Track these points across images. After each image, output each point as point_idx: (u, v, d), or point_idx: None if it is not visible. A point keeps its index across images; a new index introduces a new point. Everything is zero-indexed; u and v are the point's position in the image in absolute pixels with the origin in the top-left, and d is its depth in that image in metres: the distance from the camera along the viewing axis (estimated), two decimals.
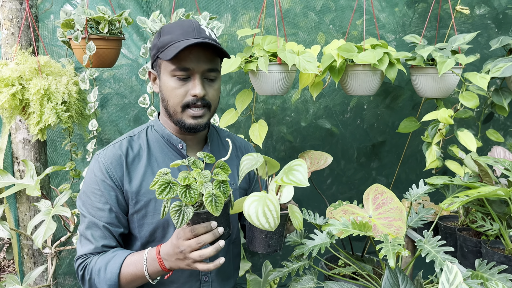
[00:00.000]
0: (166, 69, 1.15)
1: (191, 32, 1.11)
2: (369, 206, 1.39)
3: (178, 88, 1.14)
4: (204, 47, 1.12)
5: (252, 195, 1.04)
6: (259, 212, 0.99)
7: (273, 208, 1.00)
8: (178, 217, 0.95)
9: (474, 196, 1.19)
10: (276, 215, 1.00)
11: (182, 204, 0.96)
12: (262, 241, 1.07)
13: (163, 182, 0.94)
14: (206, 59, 1.13)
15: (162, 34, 1.15)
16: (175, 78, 1.13)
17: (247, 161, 1.11)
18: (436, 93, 1.76)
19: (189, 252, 1.01)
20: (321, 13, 2.25)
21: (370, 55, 1.62)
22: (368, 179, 2.62)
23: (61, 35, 1.80)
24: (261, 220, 1.00)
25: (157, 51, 1.15)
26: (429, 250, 1.12)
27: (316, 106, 2.43)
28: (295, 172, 1.04)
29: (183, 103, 1.14)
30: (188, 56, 1.11)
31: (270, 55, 1.70)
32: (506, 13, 2.08)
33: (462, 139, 1.69)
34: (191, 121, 1.16)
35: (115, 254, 1.13)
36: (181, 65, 1.11)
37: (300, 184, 1.02)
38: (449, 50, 1.69)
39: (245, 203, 1.01)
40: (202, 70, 1.13)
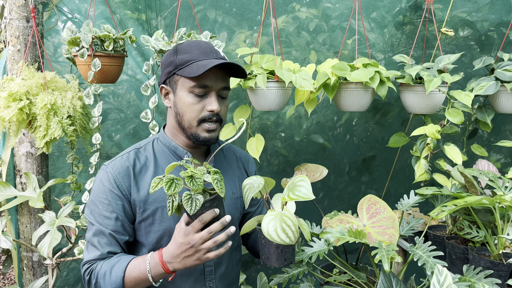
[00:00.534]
0: (184, 85, 1.22)
1: (210, 53, 1.21)
2: (363, 215, 1.47)
3: (195, 104, 1.22)
4: (221, 68, 1.21)
5: (268, 214, 1.10)
6: (278, 229, 1.06)
7: (291, 223, 1.07)
8: (191, 204, 1.03)
9: (461, 205, 1.27)
10: (295, 229, 1.07)
11: (192, 193, 1.04)
12: (279, 256, 1.14)
13: (168, 179, 1.03)
14: (222, 78, 1.23)
15: (179, 53, 1.23)
16: (192, 94, 1.22)
17: (249, 185, 1.18)
18: (424, 109, 1.87)
19: (201, 244, 1.08)
20: (314, 32, 2.36)
21: (362, 74, 1.72)
22: (359, 193, 2.70)
23: (66, 52, 1.87)
24: (281, 236, 1.06)
25: (174, 68, 1.22)
26: (420, 255, 1.20)
27: (309, 122, 2.52)
28: (300, 187, 1.11)
29: (199, 117, 1.23)
30: (208, 75, 1.20)
31: (268, 73, 1.79)
32: (488, 35, 2.22)
33: (449, 153, 1.79)
34: (206, 135, 1.24)
35: (120, 258, 1.19)
36: (201, 83, 1.20)
37: (306, 198, 1.09)
38: (435, 69, 1.81)
39: (263, 223, 1.08)
40: (218, 88, 1.23)
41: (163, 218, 1.25)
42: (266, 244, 1.14)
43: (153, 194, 1.25)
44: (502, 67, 1.87)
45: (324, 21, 2.37)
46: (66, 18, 2.22)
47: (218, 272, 1.31)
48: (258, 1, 2.28)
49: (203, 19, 2.31)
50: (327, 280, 1.62)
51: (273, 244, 1.13)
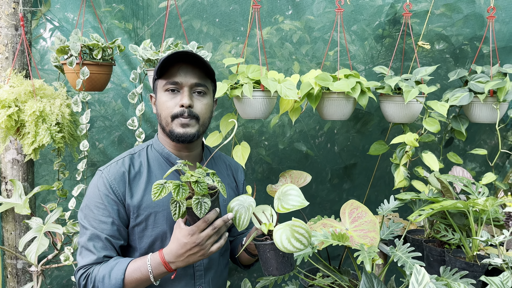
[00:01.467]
0: (160, 87, 1.29)
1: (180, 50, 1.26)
2: (346, 219, 1.53)
3: (168, 101, 1.27)
4: (192, 65, 1.27)
5: (277, 228, 1.13)
6: (291, 239, 1.09)
7: (304, 231, 1.11)
8: (200, 208, 1.08)
9: (438, 209, 1.35)
10: (308, 234, 1.11)
11: (199, 197, 1.09)
12: (286, 263, 1.18)
13: (175, 185, 1.06)
14: (193, 74, 1.27)
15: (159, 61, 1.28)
16: (167, 92, 1.27)
17: (238, 206, 1.20)
18: (403, 118, 1.96)
19: (206, 241, 1.13)
20: (297, 44, 2.43)
21: (344, 84, 1.80)
22: (341, 200, 2.76)
23: (55, 60, 1.89)
24: (295, 245, 1.09)
25: (155, 73, 1.29)
26: (400, 256, 1.26)
27: (293, 130, 2.59)
28: (291, 196, 1.16)
29: (172, 113, 1.27)
30: (178, 72, 1.26)
31: (254, 82, 1.85)
32: (462, 49, 2.33)
33: (426, 160, 1.87)
34: (180, 130, 1.27)
35: (117, 261, 1.22)
36: (171, 79, 1.26)
37: (301, 206, 1.13)
38: (413, 81, 1.90)
39: (276, 236, 1.11)
40: (190, 84, 1.27)
41: (156, 224, 1.29)
42: (272, 257, 1.18)
43: (146, 200, 1.28)
44: (475, 79, 1.97)
45: (307, 33, 2.45)
46: (54, 26, 2.24)
47: (208, 276, 1.35)
48: (243, 12, 2.34)
49: (188, 29, 2.35)
50: (311, 283, 1.67)
51: (279, 255, 1.17)
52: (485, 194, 1.44)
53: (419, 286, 1.11)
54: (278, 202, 1.18)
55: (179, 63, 1.26)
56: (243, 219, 1.18)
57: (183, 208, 1.09)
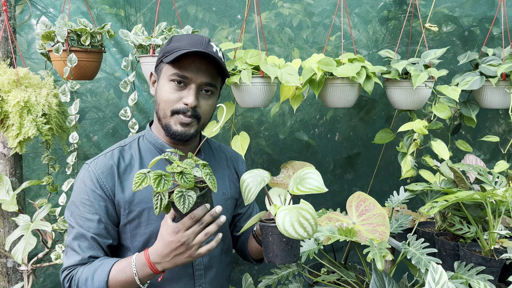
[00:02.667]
0: (166, 73, 1.17)
1: (199, 44, 1.14)
2: (353, 213, 1.44)
3: (172, 93, 1.16)
4: (206, 60, 1.15)
5: (282, 209, 1.03)
6: (295, 223, 0.98)
7: (310, 216, 1.00)
8: (184, 202, 0.96)
9: (453, 201, 1.25)
10: (314, 222, 1.00)
11: (183, 190, 0.97)
12: (289, 252, 1.08)
13: (156, 175, 0.95)
14: (206, 72, 1.16)
15: (172, 42, 1.18)
16: (172, 83, 1.16)
17: (250, 178, 1.11)
18: (410, 105, 1.85)
19: (193, 239, 1.01)
20: (297, 29, 2.32)
21: (348, 69, 1.69)
22: (344, 191, 2.68)
23: (40, 47, 1.78)
24: (298, 231, 0.99)
25: (162, 55, 1.17)
26: (413, 253, 1.16)
27: (293, 119, 2.49)
28: (310, 179, 1.04)
29: (173, 108, 1.16)
30: (190, 65, 1.14)
31: (253, 68, 1.74)
32: (472, 31, 2.22)
33: (436, 148, 1.77)
34: (178, 128, 1.17)
35: (102, 262, 1.12)
36: (180, 72, 1.14)
37: (319, 190, 1.01)
38: (421, 64, 1.79)
39: (278, 218, 1.00)
40: (200, 82, 1.16)
41: (149, 220, 1.19)
42: (274, 241, 1.08)
43: (139, 194, 1.18)
44: (486, 62, 1.86)
45: (307, 17, 2.34)
46: (40, 12, 2.12)
47: (208, 276, 1.26)
48: None
49: (183, 16, 2.25)
50: (315, 280, 1.58)
51: (283, 241, 1.07)
52: (503, 184, 1.35)
53: (437, 285, 1.01)
54: (294, 184, 1.07)
55: (193, 55, 1.14)
56: (252, 192, 1.09)
57: (164, 201, 0.98)
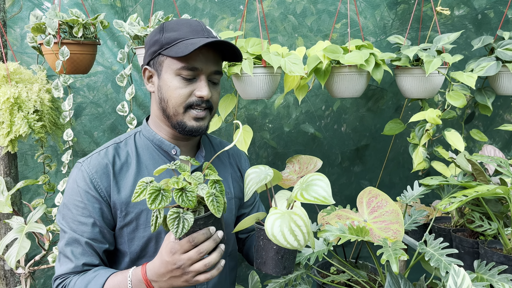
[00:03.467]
0: (170, 67, 1.07)
1: (201, 31, 1.06)
2: (364, 210, 1.35)
3: (182, 88, 1.07)
4: (213, 49, 1.07)
5: (273, 212, 0.93)
6: (285, 229, 0.89)
7: (302, 223, 0.90)
8: (177, 226, 0.86)
9: (473, 196, 1.16)
10: (306, 230, 0.91)
11: (180, 211, 0.87)
12: (277, 262, 0.98)
13: (153, 189, 0.85)
14: (214, 60, 1.08)
15: (166, 31, 1.08)
16: (180, 77, 1.07)
17: (254, 174, 1.04)
18: (422, 93, 1.75)
19: (189, 266, 0.92)
20: (301, 16, 2.22)
21: (356, 56, 1.59)
22: (352, 184, 2.59)
23: (31, 40, 1.70)
24: (288, 239, 0.89)
25: (160, 47, 1.07)
26: (432, 254, 1.07)
27: (298, 111, 2.40)
28: (316, 187, 0.95)
29: (186, 103, 1.08)
30: (198, 56, 1.05)
31: (255, 58, 1.64)
32: (485, 14, 2.11)
33: (450, 139, 1.68)
34: (193, 123, 1.09)
35: (97, 274, 1.04)
36: (190, 64, 1.05)
37: (325, 201, 0.92)
38: (434, 50, 1.68)
39: (268, 221, 0.91)
40: (210, 71, 1.08)
41: (148, 223, 1.10)
42: (264, 247, 0.99)
43: None
44: (502, 46, 1.76)
45: (311, 4, 2.23)
46: (32, 5, 2.04)
47: (211, 282, 1.17)
48: None
49: (183, 7, 2.16)
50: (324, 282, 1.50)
51: (273, 248, 0.97)
52: None
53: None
54: (298, 189, 0.97)
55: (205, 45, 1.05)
56: (252, 188, 1.02)
57: (159, 220, 0.88)
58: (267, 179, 1.00)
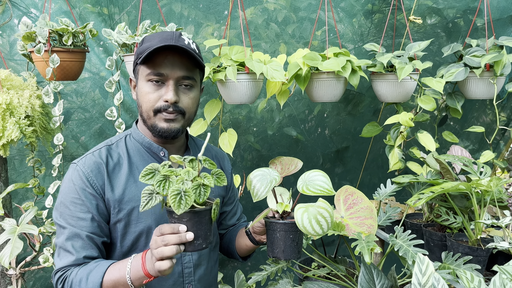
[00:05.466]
0: (142, 74, 1.17)
1: (169, 39, 1.13)
2: (341, 206, 1.44)
3: (151, 93, 1.15)
4: (180, 54, 1.14)
5: (299, 206, 1.07)
6: (313, 220, 1.04)
7: (328, 214, 1.06)
8: (146, 200, 0.96)
9: (439, 192, 1.26)
10: (331, 220, 1.06)
11: (154, 191, 0.96)
12: (294, 248, 1.12)
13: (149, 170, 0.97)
14: (181, 66, 1.15)
15: (144, 42, 1.17)
16: (150, 83, 1.15)
17: (259, 177, 1.14)
18: (396, 97, 1.86)
19: (154, 249, 1.00)
20: (283, 24, 2.31)
21: (334, 63, 1.69)
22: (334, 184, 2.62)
23: (22, 48, 1.75)
24: (315, 228, 1.04)
25: (136, 57, 1.17)
26: (401, 245, 1.17)
27: (282, 115, 2.48)
28: (319, 182, 1.12)
29: (155, 107, 1.16)
30: (163, 62, 1.13)
31: (238, 65, 1.73)
32: (455, 22, 2.23)
33: (422, 140, 1.78)
34: (163, 124, 1.17)
35: (98, 264, 1.11)
36: (155, 70, 1.13)
37: (329, 192, 1.10)
38: (406, 57, 1.79)
39: (297, 214, 1.05)
40: (177, 76, 1.15)
41: (139, 219, 1.18)
42: (281, 237, 1.11)
43: (128, 193, 1.18)
44: (470, 53, 1.88)
45: (292, 12, 2.33)
46: (22, 13, 2.09)
47: (197, 273, 1.25)
48: None
49: (168, 14, 2.23)
50: (306, 275, 1.58)
51: (289, 237, 1.11)
52: (488, 174, 1.36)
53: (423, 276, 1.02)
54: (303, 184, 1.14)
55: (165, 51, 1.13)
56: (262, 191, 1.14)
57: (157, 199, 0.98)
58: (276, 180, 1.12)
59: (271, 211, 1.18)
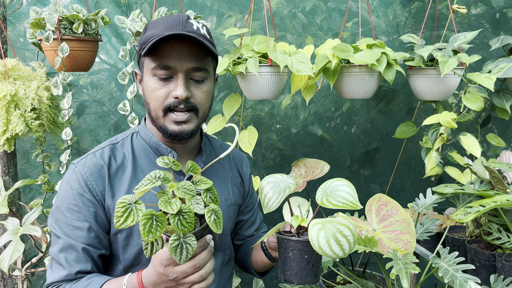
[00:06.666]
0: (147, 68, 1.01)
1: (175, 26, 0.98)
2: (373, 218, 1.27)
3: (159, 89, 1.00)
4: (188, 43, 0.99)
5: (315, 222, 0.91)
6: (331, 240, 0.87)
7: (349, 233, 0.89)
8: (180, 254, 0.80)
9: (491, 206, 1.07)
10: (353, 239, 0.89)
11: (181, 235, 0.80)
12: (309, 271, 0.96)
13: (146, 216, 0.76)
14: (191, 56, 0.99)
15: (147, 30, 1.02)
16: (156, 77, 1.00)
17: (271, 184, 0.98)
18: (437, 95, 1.67)
19: (183, 278, 0.87)
20: (310, 13, 2.15)
21: (367, 55, 1.51)
22: (362, 188, 2.52)
23: (31, 36, 1.65)
24: (334, 249, 0.88)
25: (140, 48, 1.02)
26: (446, 269, 1.00)
27: (307, 112, 2.32)
28: (342, 192, 0.94)
29: (164, 106, 1.01)
30: (170, 53, 0.98)
31: (260, 56, 1.58)
32: (504, 13, 2.01)
33: (466, 143, 1.59)
34: (174, 127, 1.02)
35: (90, 281, 0.98)
36: (161, 63, 0.98)
37: (354, 207, 0.92)
38: (449, 50, 1.60)
39: (312, 233, 0.89)
40: (186, 69, 1.00)
41: None
42: (294, 258, 0.95)
43: None
44: None
45: (321, 1, 2.16)
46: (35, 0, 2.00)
47: None
48: None
49: (190, 4, 2.09)
50: None
51: (304, 258, 0.95)
52: None
53: None
54: (322, 194, 0.97)
55: (172, 40, 0.97)
56: (273, 201, 0.98)
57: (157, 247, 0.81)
58: (290, 188, 0.96)
59: (287, 224, 1.03)
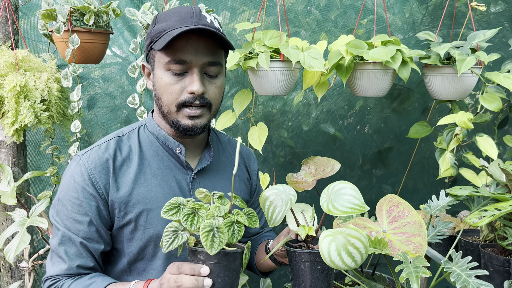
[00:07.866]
0: (160, 62, 0.99)
1: (189, 19, 0.96)
2: (383, 219, 1.24)
3: (173, 84, 0.98)
4: (204, 36, 0.97)
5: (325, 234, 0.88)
6: (342, 252, 0.85)
7: (361, 245, 0.86)
8: (170, 239, 0.80)
9: (507, 210, 1.03)
10: (365, 251, 0.87)
11: (180, 228, 0.81)
12: (324, 282, 0.94)
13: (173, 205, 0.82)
14: (206, 50, 0.98)
15: (157, 22, 1.00)
16: (169, 72, 0.98)
17: (273, 196, 0.94)
18: (453, 94, 1.62)
19: None
20: (325, 10, 2.11)
21: (382, 52, 1.47)
22: (373, 188, 2.47)
23: (43, 27, 1.65)
24: (346, 261, 0.85)
25: (150, 41, 1.00)
26: (458, 274, 0.96)
27: (319, 110, 2.29)
28: (347, 196, 0.91)
29: (178, 101, 0.99)
30: (185, 47, 0.96)
31: (272, 51, 1.55)
32: None
33: (482, 145, 1.54)
34: (187, 122, 1.00)
35: (93, 281, 0.97)
36: (176, 57, 0.96)
37: (361, 210, 0.90)
38: (467, 48, 1.55)
39: (323, 246, 0.87)
40: (202, 63, 0.98)
41: (148, 224, 1.03)
42: (308, 270, 0.93)
43: (136, 194, 1.03)
44: None
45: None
46: None
47: None
48: None
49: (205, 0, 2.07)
50: None
51: (317, 269, 0.92)
52: None
53: None
54: (327, 200, 0.93)
55: (187, 33, 0.95)
56: (276, 214, 0.94)
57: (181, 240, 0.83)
58: (292, 201, 0.94)
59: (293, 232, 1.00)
